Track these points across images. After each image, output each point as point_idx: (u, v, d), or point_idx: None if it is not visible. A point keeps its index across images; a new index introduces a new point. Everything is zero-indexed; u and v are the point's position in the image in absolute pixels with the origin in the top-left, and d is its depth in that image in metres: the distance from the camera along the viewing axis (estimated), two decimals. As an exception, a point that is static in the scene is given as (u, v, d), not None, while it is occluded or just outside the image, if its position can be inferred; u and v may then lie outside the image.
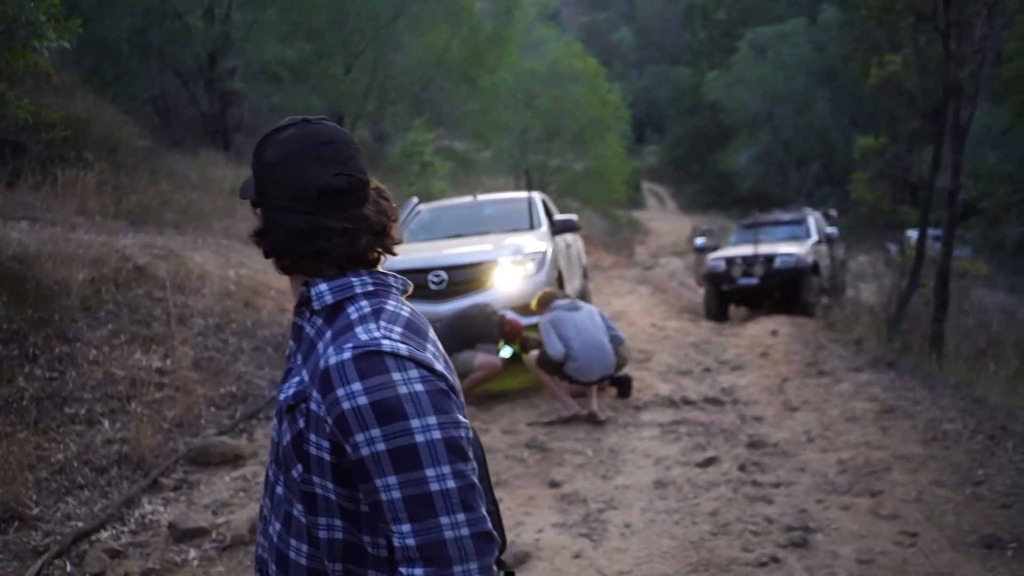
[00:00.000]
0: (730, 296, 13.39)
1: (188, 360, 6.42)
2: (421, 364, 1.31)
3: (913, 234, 12.41)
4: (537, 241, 7.96)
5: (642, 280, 18.06)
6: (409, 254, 7.44)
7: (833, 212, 16.91)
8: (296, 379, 1.38)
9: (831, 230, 14.62)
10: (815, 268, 12.87)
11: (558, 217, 9.10)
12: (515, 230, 8.43)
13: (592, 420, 6.57)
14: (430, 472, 1.26)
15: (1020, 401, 6.98)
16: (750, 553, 4.10)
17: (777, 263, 12.59)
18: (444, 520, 1.25)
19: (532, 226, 8.54)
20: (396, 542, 1.27)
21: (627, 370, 7.51)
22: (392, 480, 1.26)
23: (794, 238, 13.81)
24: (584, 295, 9.74)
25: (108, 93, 15.21)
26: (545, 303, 6.87)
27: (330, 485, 1.32)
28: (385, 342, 1.31)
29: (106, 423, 5.41)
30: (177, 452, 5.39)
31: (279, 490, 1.42)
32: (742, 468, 5.40)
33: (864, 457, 5.52)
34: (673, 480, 5.23)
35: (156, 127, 17.43)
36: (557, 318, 6.61)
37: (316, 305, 1.40)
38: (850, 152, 19.59)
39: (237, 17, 19.01)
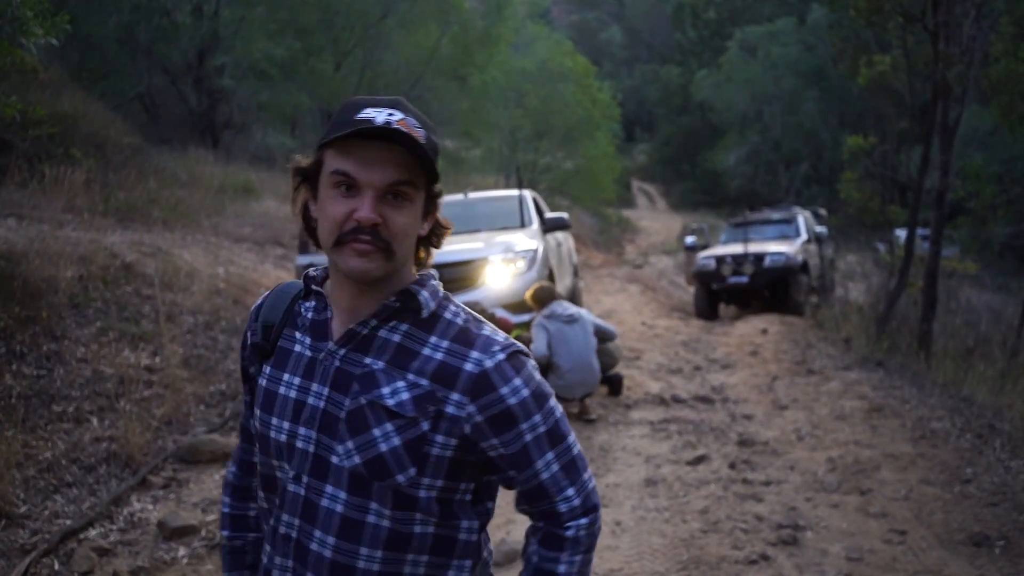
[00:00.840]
0: (720, 295, 13.43)
1: (177, 358, 6.40)
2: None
3: (901, 233, 12.47)
4: (528, 239, 7.96)
5: (632, 278, 18.08)
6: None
7: (822, 211, 16.97)
8: (400, 384, 1.37)
9: (820, 229, 14.68)
10: (804, 267, 12.92)
11: (549, 215, 9.10)
12: (506, 228, 8.42)
13: (582, 418, 6.57)
14: (570, 439, 1.47)
15: (1007, 400, 7.03)
16: (740, 551, 4.11)
17: (767, 262, 12.62)
18: (585, 475, 1.47)
19: (523, 224, 8.54)
20: (563, 507, 1.43)
21: (617, 368, 7.51)
22: (551, 455, 1.43)
23: (783, 237, 13.86)
24: (575, 293, 9.74)
25: (96, 90, 15.15)
26: (542, 301, 6.77)
27: (439, 483, 1.39)
28: (512, 341, 1.43)
29: (94, 421, 5.38)
30: (166, 450, 5.36)
31: (325, 503, 1.38)
32: (732, 466, 5.41)
33: (853, 455, 5.54)
34: (663, 478, 5.24)
35: (144, 124, 17.35)
36: (553, 331, 6.53)
37: (424, 313, 1.41)
38: (839, 152, 19.66)
39: (225, 14, 18.95)
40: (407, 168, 1.34)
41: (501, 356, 1.38)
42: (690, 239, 15.46)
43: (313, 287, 1.49)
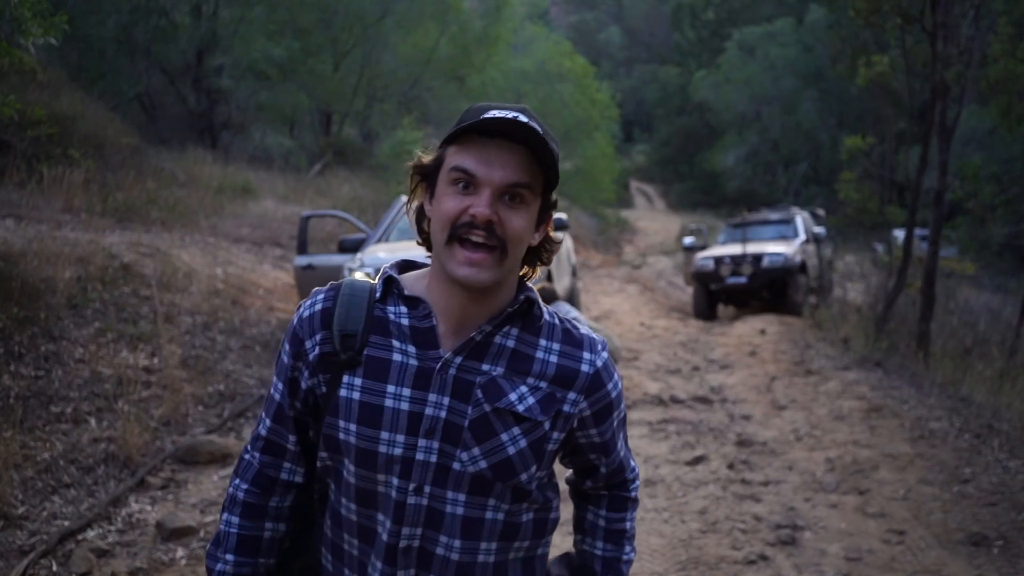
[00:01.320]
0: (718, 295, 13.43)
1: (175, 358, 6.39)
2: None
3: (900, 234, 12.47)
4: (526, 240, 7.94)
5: (631, 279, 18.08)
6: (397, 253, 7.42)
7: (820, 212, 16.96)
8: (523, 388, 1.41)
9: (819, 230, 14.68)
10: (803, 267, 12.92)
11: (547, 216, 9.08)
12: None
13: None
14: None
15: (1006, 400, 7.03)
16: (739, 551, 4.12)
17: (765, 262, 12.63)
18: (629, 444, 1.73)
19: (521, 225, 8.53)
20: (630, 476, 1.63)
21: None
22: (623, 436, 1.59)
23: (782, 237, 13.86)
24: (573, 294, 9.74)
25: (94, 90, 15.14)
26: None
27: (544, 472, 1.47)
28: (601, 337, 1.56)
29: (93, 422, 5.37)
30: (164, 451, 5.36)
31: (448, 508, 1.39)
32: (731, 467, 5.42)
33: (852, 455, 5.54)
34: (662, 479, 5.24)
35: (143, 124, 17.33)
36: None
37: (541, 320, 1.48)
38: (837, 152, 19.63)
39: (224, 14, 18.94)
40: (527, 171, 1.34)
41: (605, 354, 1.51)
42: (688, 239, 15.46)
43: (408, 293, 1.44)
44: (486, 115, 1.32)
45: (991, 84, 10.31)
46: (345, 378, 1.40)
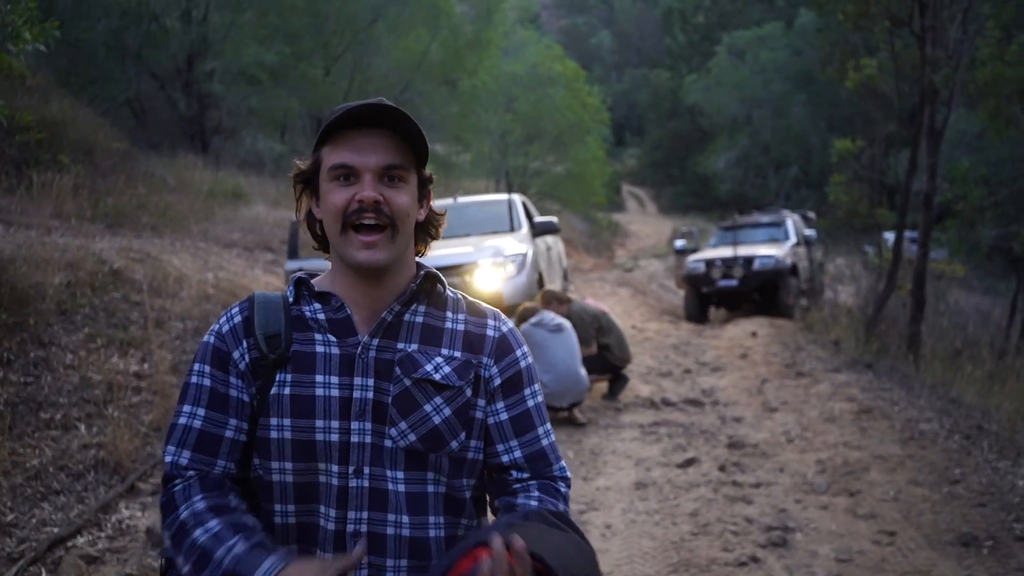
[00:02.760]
0: (710, 298, 13.46)
1: (166, 364, 6.36)
2: None
3: (890, 236, 12.53)
4: (517, 243, 7.96)
5: (622, 282, 18.10)
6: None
7: (811, 214, 17.03)
8: (438, 359, 1.48)
9: (809, 232, 14.73)
10: (794, 270, 12.96)
11: (538, 219, 9.10)
12: (495, 232, 8.42)
13: (573, 422, 6.57)
14: (549, 424, 1.61)
15: (995, 401, 7.06)
16: (730, 553, 4.12)
17: (756, 265, 12.66)
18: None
19: (512, 228, 8.54)
20: (558, 473, 1.58)
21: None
22: (546, 427, 1.57)
23: (773, 240, 13.90)
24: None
25: (84, 95, 15.08)
26: (524, 319, 6.77)
27: (480, 444, 1.52)
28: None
29: (82, 428, 5.35)
30: (155, 457, 5.33)
31: (390, 486, 1.43)
32: (722, 469, 5.42)
33: (842, 457, 5.56)
34: (654, 481, 5.24)
35: (133, 130, 17.28)
36: (537, 339, 6.49)
37: (447, 293, 1.55)
38: (827, 155, 19.71)
39: (215, 19, 18.91)
40: (399, 152, 1.43)
41: (510, 324, 1.58)
42: (680, 242, 15.49)
43: (318, 290, 1.51)
44: (348, 110, 1.41)
45: (979, 87, 10.37)
46: (277, 376, 1.45)
